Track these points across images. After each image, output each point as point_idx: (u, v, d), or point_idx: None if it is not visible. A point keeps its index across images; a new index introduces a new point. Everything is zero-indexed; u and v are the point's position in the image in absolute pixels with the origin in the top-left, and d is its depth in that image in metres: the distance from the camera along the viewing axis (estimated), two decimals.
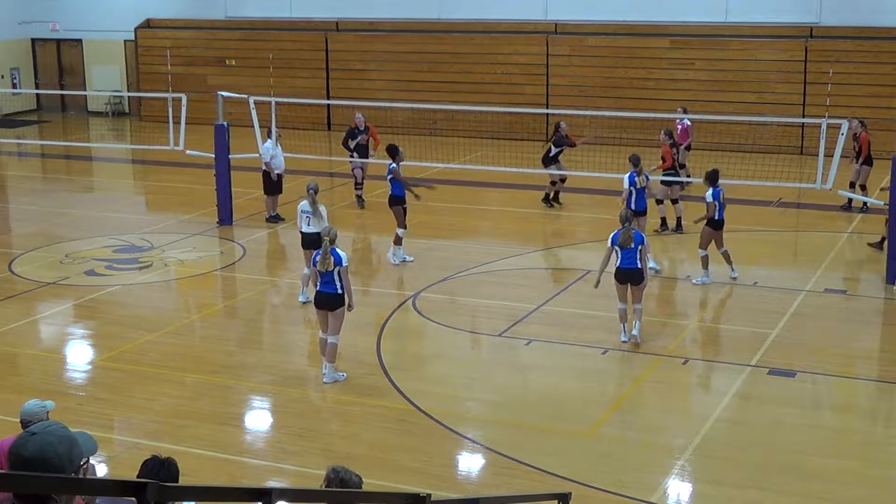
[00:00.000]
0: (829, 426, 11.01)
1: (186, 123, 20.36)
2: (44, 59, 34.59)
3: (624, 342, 12.90)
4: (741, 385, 11.73)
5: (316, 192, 14.36)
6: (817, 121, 17.88)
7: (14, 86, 33.52)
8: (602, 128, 25.09)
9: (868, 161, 19.69)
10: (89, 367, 12.69)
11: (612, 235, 12.93)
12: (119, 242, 18.02)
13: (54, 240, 18.31)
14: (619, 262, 12.91)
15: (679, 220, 18.23)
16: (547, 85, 28.20)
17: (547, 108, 27.01)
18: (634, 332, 12.94)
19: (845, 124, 16.22)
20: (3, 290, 15.34)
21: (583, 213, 19.75)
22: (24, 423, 7.09)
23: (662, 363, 12.42)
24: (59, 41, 34.20)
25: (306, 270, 14.50)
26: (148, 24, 32.54)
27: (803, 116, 25.01)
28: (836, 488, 9.47)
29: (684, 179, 19.18)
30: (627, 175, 15.96)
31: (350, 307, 11.78)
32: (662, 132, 18.67)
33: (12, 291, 15.28)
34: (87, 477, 3.46)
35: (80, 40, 33.83)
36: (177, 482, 5.65)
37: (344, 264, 11.56)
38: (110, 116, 33.59)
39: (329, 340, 11.74)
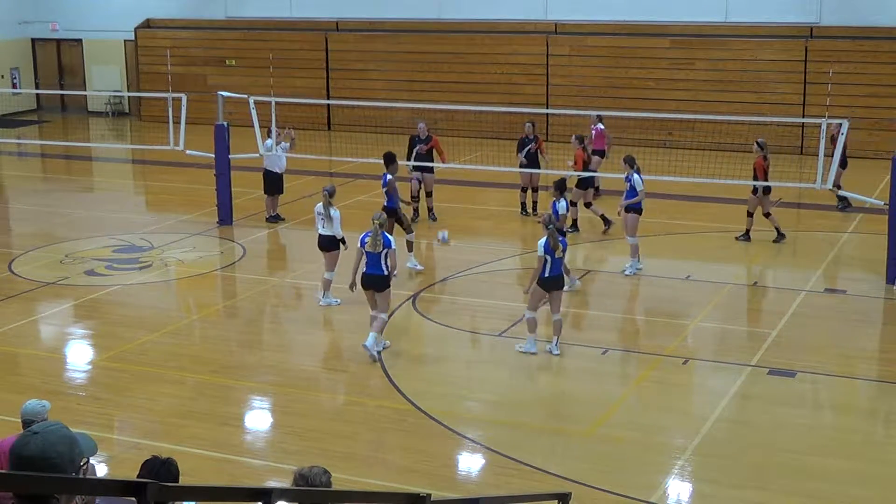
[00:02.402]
0: (829, 426, 11.01)
1: (186, 123, 20.34)
2: (44, 59, 34.58)
3: (533, 353, 12.48)
4: (741, 385, 11.73)
5: (331, 195, 14.43)
6: (817, 121, 17.87)
7: (14, 86, 33.51)
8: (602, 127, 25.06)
9: (843, 163, 19.60)
10: (89, 367, 12.69)
11: (541, 244, 12.38)
12: (119, 242, 18.02)
13: (54, 240, 18.31)
14: (549, 270, 12.41)
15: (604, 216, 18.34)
16: (547, 85, 28.20)
17: (547, 108, 27.01)
18: (556, 350, 12.55)
19: (845, 124, 16.21)
20: (3, 290, 15.34)
21: (583, 213, 19.70)
22: (26, 423, 7.10)
23: (662, 363, 12.42)
24: (59, 41, 34.20)
25: (327, 275, 14.47)
26: (148, 24, 32.54)
27: (803, 116, 25.00)
28: (836, 488, 9.47)
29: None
30: (636, 175, 15.82)
31: (394, 276, 12.63)
32: (574, 137, 18.69)
33: (12, 291, 15.28)
34: (87, 477, 3.46)
35: (80, 40, 33.83)
36: (177, 482, 5.65)
37: (392, 247, 12.41)
38: (110, 116, 33.59)
39: (379, 316, 12.52)
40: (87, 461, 3.44)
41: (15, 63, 33.89)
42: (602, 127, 20.69)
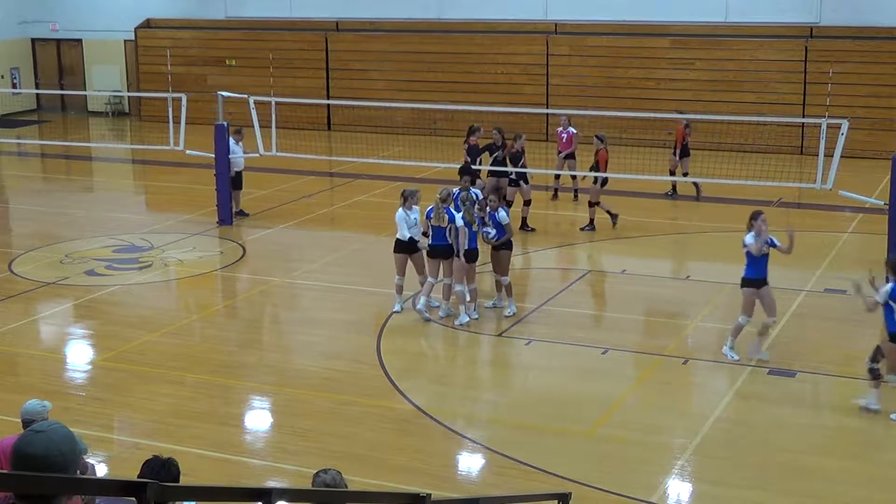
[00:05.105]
0: (829, 426, 11.01)
1: (186, 123, 20.35)
2: (44, 59, 34.58)
3: (467, 321, 13.51)
4: (741, 385, 11.73)
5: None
6: (817, 121, 17.87)
7: (14, 86, 33.51)
8: (602, 128, 25.05)
9: (685, 152, 20.59)
10: (89, 367, 12.69)
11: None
12: (119, 242, 18.02)
13: (54, 240, 18.31)
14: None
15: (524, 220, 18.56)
16: (547, 85, 28.20)
17: (547, 108, 27.00)
18: (474, 314, 13.62)
19: (845, 124, 16.20)
20: (3, 290, 15.34)
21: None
22: (26, 423, 7.09)
23: (662, 363, 12.42)
24: (59, 41, 34.20)
25: (430, 279, 13.98)
26: (148, 24, 32.54)
27: (803, 116, 25.00)
28: (836, 488, 9.47)
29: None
30: (503, 211, 14.98)
31: (460, 255, 13.41)
32: (494, 131, 19.18)
33: (12, 291, 15.28)
34: (88, 477, 3.47)
35: (80, 40, 33.82)
36: (177, 482, 5.66)
37: (454, 222, 13.32)
38: (110, 116, 33.58)
39: (454, 286, 13.59)
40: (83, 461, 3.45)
41: (15, 63, 33.89)
42: (574, 130, 20.65)
